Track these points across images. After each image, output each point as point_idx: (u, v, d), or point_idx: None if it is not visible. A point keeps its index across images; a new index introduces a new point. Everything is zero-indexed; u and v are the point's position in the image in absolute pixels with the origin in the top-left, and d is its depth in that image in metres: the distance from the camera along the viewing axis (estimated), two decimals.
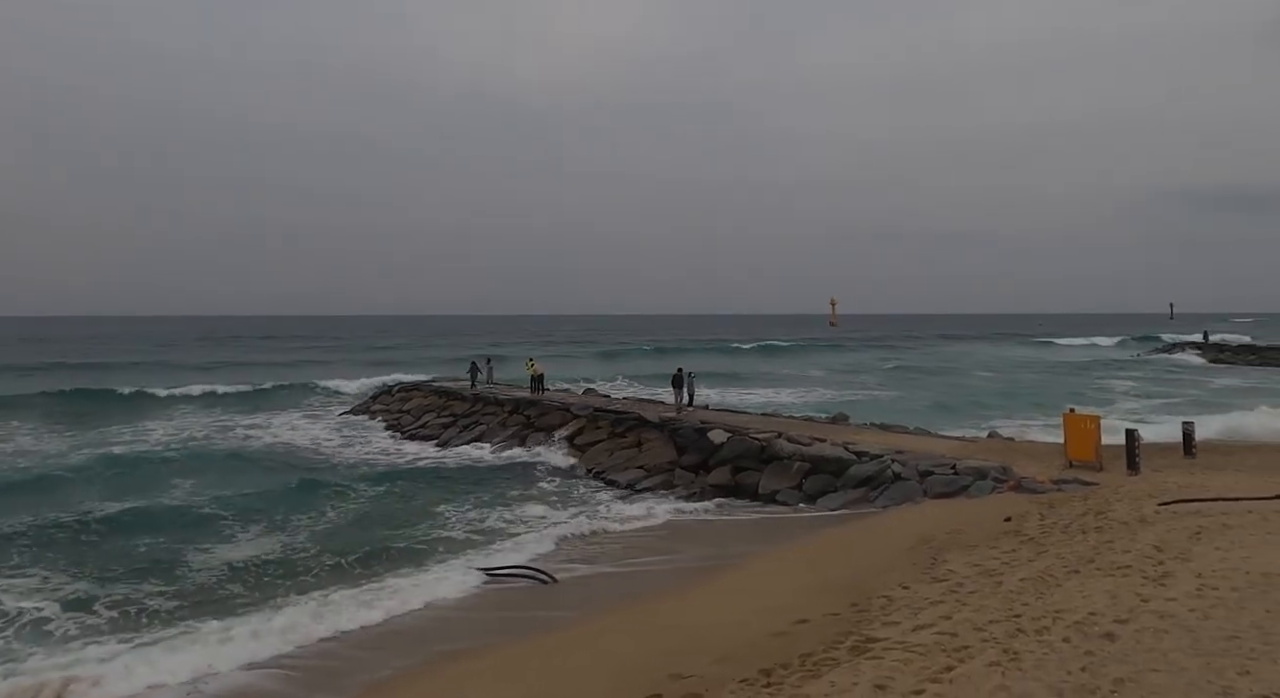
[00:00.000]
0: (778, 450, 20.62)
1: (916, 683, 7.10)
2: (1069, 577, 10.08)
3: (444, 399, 33.46)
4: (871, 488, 18.19)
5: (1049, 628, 8.16)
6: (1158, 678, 6.46)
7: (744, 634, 9.68)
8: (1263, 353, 63.24)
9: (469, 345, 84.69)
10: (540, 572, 13.51)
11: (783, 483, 19.47)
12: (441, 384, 36.74)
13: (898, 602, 10.03)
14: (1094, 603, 8.78)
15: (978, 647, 7.86)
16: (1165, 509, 13.46)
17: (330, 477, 22.71)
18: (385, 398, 37.06)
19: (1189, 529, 11.87)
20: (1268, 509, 12.81)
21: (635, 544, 15.83)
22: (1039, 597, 9.34)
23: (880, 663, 7.72)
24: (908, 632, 8.67)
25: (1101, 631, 7.87)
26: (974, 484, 17.17)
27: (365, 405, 37.36)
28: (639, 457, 23.00)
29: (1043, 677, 6.85)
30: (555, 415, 27.40)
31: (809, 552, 13.90)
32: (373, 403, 37.18)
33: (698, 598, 11.93)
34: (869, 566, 12.21)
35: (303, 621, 11.71)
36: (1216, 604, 8.29)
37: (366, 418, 34.93)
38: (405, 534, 16.49)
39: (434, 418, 31.38)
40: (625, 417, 25.58)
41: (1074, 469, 17.98)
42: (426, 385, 36.90)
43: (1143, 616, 8.18)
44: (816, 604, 10.60)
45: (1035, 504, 15.00)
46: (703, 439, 22.34)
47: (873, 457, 19.39)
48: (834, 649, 8.50)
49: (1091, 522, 13.13)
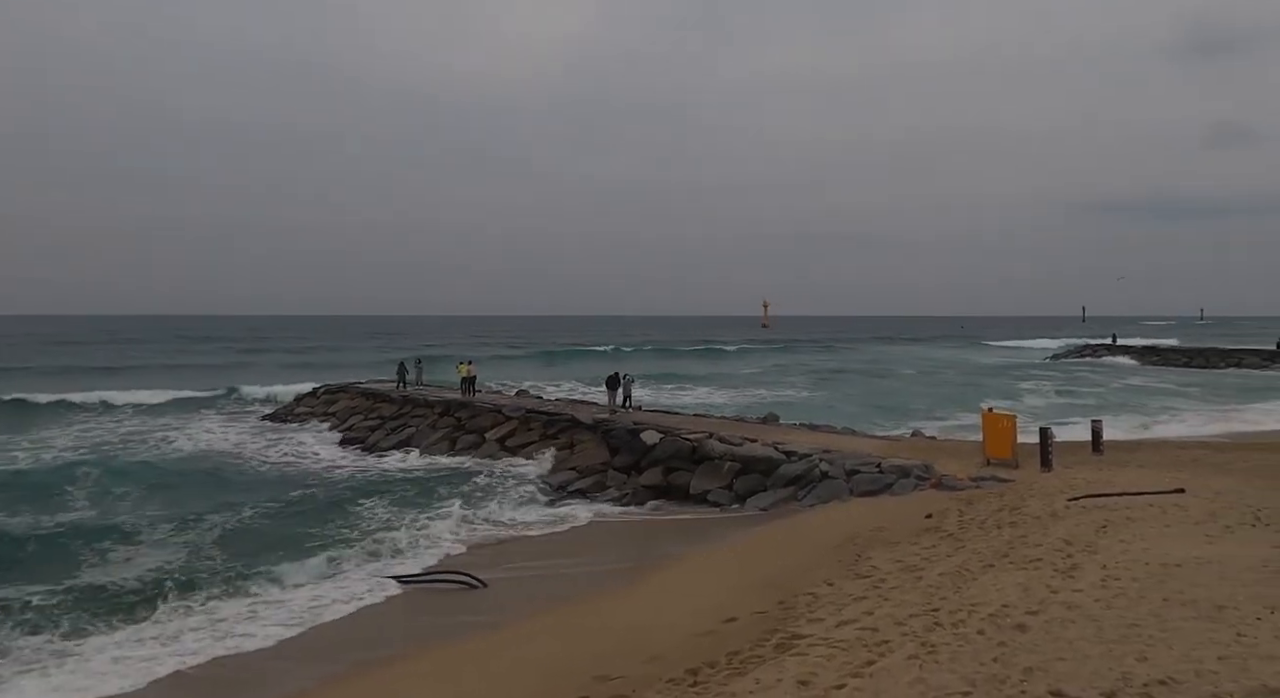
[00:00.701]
0: (709, 451, 20.81)
1: (838, 678, 7.23)
2: (985, 571, 10.44)
3: (371, 401, 32.72)
4: (800, 487, 18.51)
5: (965, 621, 8.42)
6: (1063, 666, 6.73)
7: (673, 634, 9.73)
8: (1189, 354, 66.78)
9: (401, 347, 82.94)
10: (468, 576, 13.32)
11: (714, 483, 19.66)
12: (369, 386, 35.91)
13: (823, 599, 10.22)
14: (1007, 596, 9.10)
15: (898, 641, 8.06)
16: (1074, 504, 14.06)
17: (247, 482, 21.96)
18: (310, 400, 36.02)
19: (1096, 523, 12.42)
20: (1166, 503, 13.51)
21: (566, 546, 15.77)
22: (956, 591, 9.64)
23: (804, 659, 7.85)
24: (832, 628, 8.84)
25: (1014, 622, 8.16)
26: (898, 482, 17.64)
27: (289, 408, 36.24)
28: (571, 459, 22.92)
29: (958, 668, 7.07)
30: (486, 417, 27.08)
31: (738, 551, 14.06)
32: (296, 406, 36.09)
33: (628, 599, 11.95)
34: (796, 564, 12.42)
35: (209, 632, 11.27)
36: (1119, 594, 8.69)
37: (290, 422, 33.89)
38: (326, 540, 15.99)
39: (361, 421, 30.65)
40: (558, 418, 25.45)
41: (992, 467, 18.63)
42: (353, 387, 36.02)
43: (1052, 607, 8.51)
44: (745, 603, 10.73)
45: (955, 501, 15.48)
46: (635, 440, 22.39)
47: (802, 456, 19.74)
48: (760, 647, 8.62)
49: (1007, 517, 13.63)
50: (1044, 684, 6.40)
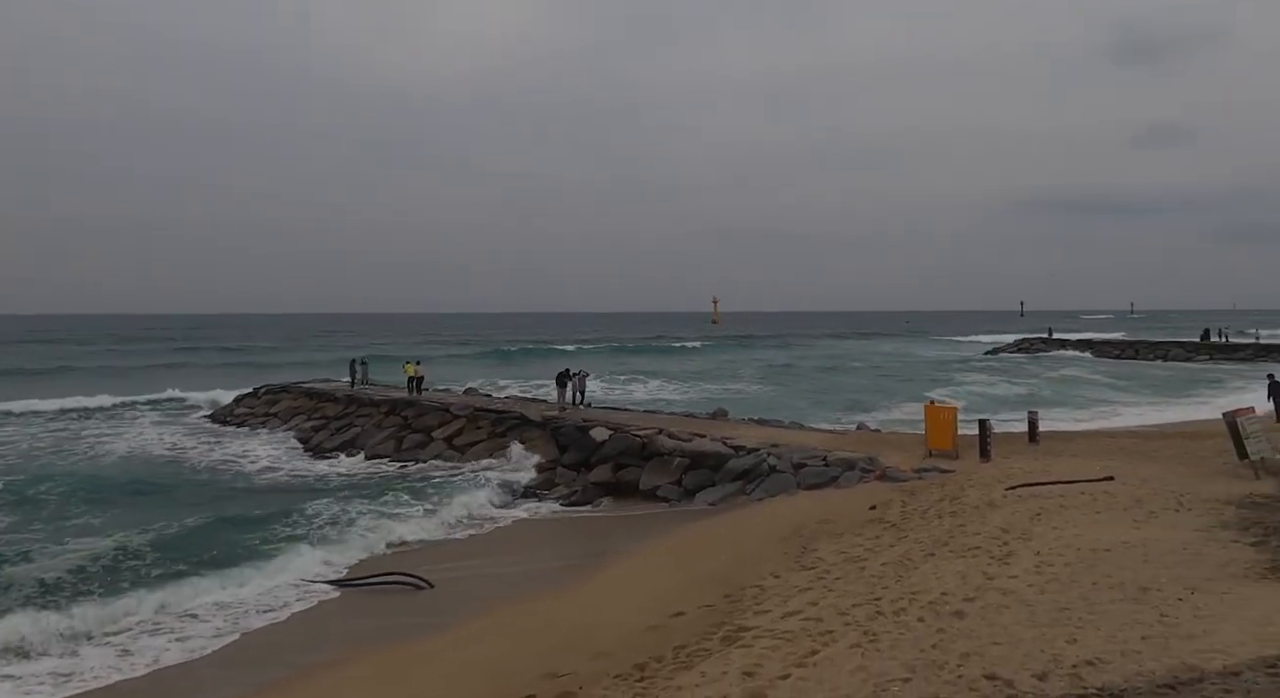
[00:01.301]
0: (658, 447, 20.88)
1: (783, 668, 7.34)
2: (925, 560, 10.69)
3: (315, 401, 32.03)
4: (748, 481, 18.70)
5: (906, 609, 8.62)
6: (998, 650, 6.93)
7: (620, 630, 9.76)
8: (1120, 347, 69.24)
9: (349, 346, 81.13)
10: (415, 576, 13.14)
11: (663, 479, 19.74)
12: (313, 386, 35.15)
13: (769, 591, 10.35)
14: (946, 583, 9.34)
15: (841, 630, 8.21)
16: (1011, 494, 14.49)
17: (183, 486, 21.30)
18: (250, 401, 35.11)
19: (1031, 511, 12.82)
20: (1097, 490, 14.02)
21: (515, 544, 15.68)
22: (898, 580, 9.86)
23: (750, 651, 7.94)
24: (777, 619, 8.96)
25: (952, 609, 8.38)
26: (843, 475, 17.95)
27: (228, 409, 35.26)
28: (520, 456, 22.75)
29: (898, 655, 7.23)
30: (433, 416, 26.74)
31: (686, 546, 14.15)
32: (237, 407, 35.14)
33: (576, 596, 11.94)
34: (743, 557, 12.55)
35: (145, 642, 10.91)
36: (1052, 580, 9.00)
37: (229, 423, 32.99)
38: (267, 543, 15.46)
39: (304, 421, 30.00)
40: (506, 416, 25.27)
41: (933, 458, 19.07)
42: (296, 387, 35.21)
43: (988, 593, 8.77)
44: (692, 597, 10.81)
45: (898, 492, 15.82)
46: (585, 437, 22.35)
47: (750, 451, 19.94)
48: (706, 640, 8.69)
49: (947, 507, 13.98)
50: (979, 668, 6.59)
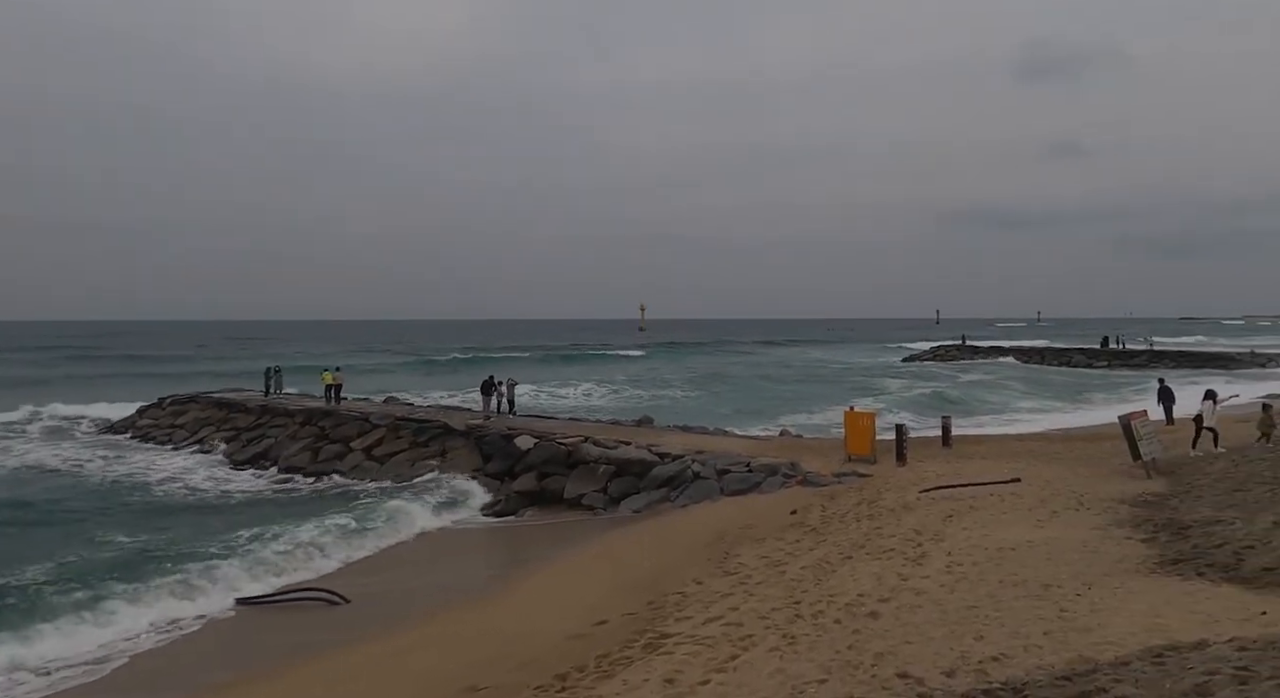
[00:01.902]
0: (584, 455, 20.81)
1: (704, 674, 7.38)
2: (843, 562, 10.93)
3: (225, 411, 30.75)
4: (673, 488, 18.79)
5: (824, 611, 8.79)
6: (910, 649, 7.13)
7: (544, 640, 9.64)
8: (1044, 354, 72.21)
9: (264, 354, 78.08)
10: (328, 591, 12.72)
11: (588, 487, 19.66)
12: (223, 395, 33.74)
13: (691, 597, 10.41)
14: (863, 585, 9.57)
15: (761, 634, 8.31)
16: (925, 496, 14.97)
17: (79, 503, 20.04)
18: (155, 412, 33.45)
19: (943, 513, 13.27)
20: (1005, 492, 14.61)
21: (437, 556, 15.35)
22: (817, 583, 10.05)
23: (671, 658, 7.96)
24: (699, 625, 9.01)
25: (868, 610, 8.58)
26: (766, 481, 18.22)
27: (130, 421, 33.48)
28: (442, 466, 22.35)
29: (815, 657, 7.35)
30: (352, 426, 25.99)
31: (611, 554, 14.11)
32: (139, 418, 33.41)
33: (499, 606, 11.75)
34: (667, 564, 12.59)
35: (36, 667, 10.25)
36: (961, 579, 9.31)
37: (132, 436, 31.35)
38: (168, 561, 14.66)
39: (213, 432, 28.75)
40: (429, 425, 24.78)
41: (852, 463, 19.55)
42: (205, 396, 33.74)
43: (902, 594, 9.02)
44: (616, 605, 10.77)
45: (818, 497, 16.15)
46: (509, 446, 22.10)
47: (675, 458, 20.06)
48: (629, 648, 8.67)
49: (865, 510, 14.35)
50: (892, 667, 6.76)
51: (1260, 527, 9.15)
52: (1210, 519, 10.28)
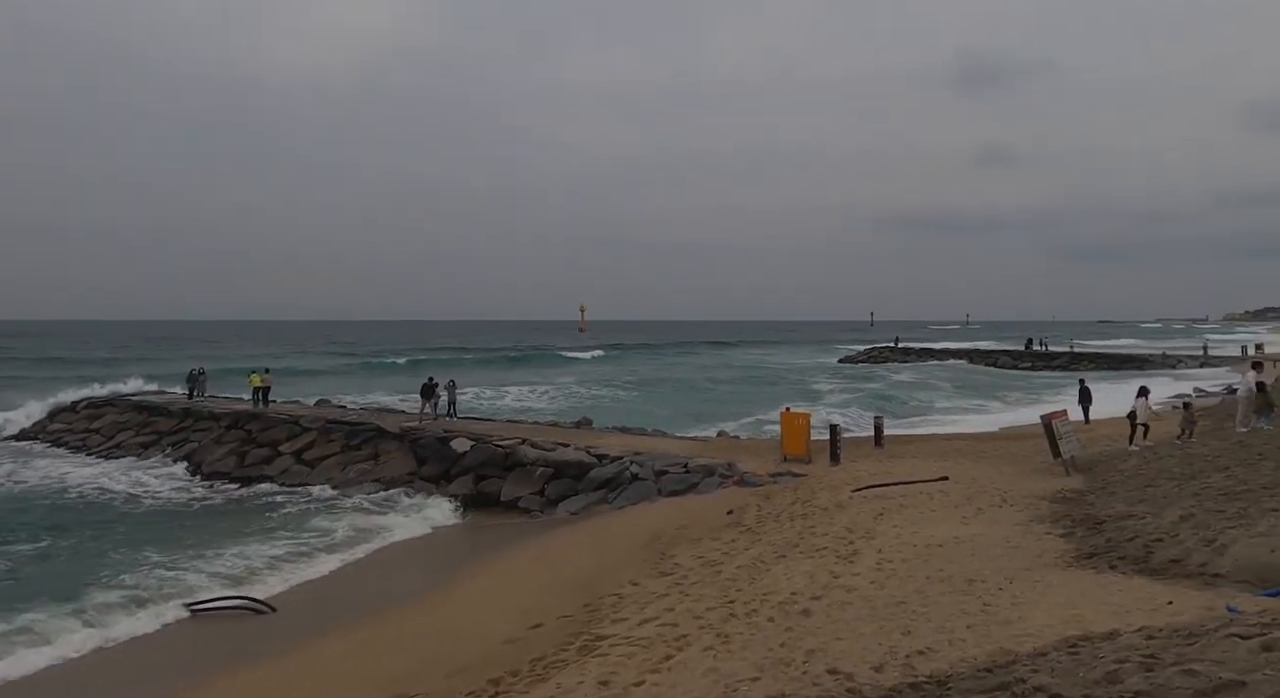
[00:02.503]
0: (521, 457, 20.63)
1: (638, 675, 7.37)
2: (777, 561, 11.07)
3: (145, 415, 29.49)
4: (611, 490, 18.77)
5: (758, 610, 8.87)
6: (841, 645, 7.25)
7: (477, 645, 9.51)
8: (972, 355, 74.24)
9: (193, 356, 74.88)
10: (253, 600, 12.30)
11: (525, 489, 19.50)
12: (143, 398, 32.36)
13: (627, 599, 10.40)
14: (796, 583, 9.70)
15: (695, 634, 8.35)
16: (858, 495, 15.28)
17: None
18: (67, 416, 31.85)
19: (874, 511, 13.56)
20: (933, 490, 15.02)
21: (366, 561, 14.97)
22: (751, 582, 10.15)
23: (606, 660, 7.94)
24: (634, 626, 9.01)
25: (800, 608, 8.70)
26: (703, 481, 18.34)
27: (40, 426, 31.79)
28: (375, 470, 21.89)
29: (748, 656, 7.42)
30: (281, 429, 25.23)
31: (547, 556, 14.01)
32: (50, 423, 31.76)
33: (433, 611, 11.55)
34: (603, 565, 12.56)
35: None
36: (891, 575, 9.52)
37: (42, 441, 29.80)
38: (78, 575, 13.98)
39: (131, 437, 27.54)
40: (362, 428, 24.22)
41: (788, 463, 19.84)
42: (123, 400, 32.30)
43: (834, 591, 9.17)
44: (551, 608, 10.69)
45: (754, 497, 16.33)
46: (445, 449, 21.77)
47: (613, 459, 20.04)
48: (564, 651, 8.62)
49: (799, 510, 14.57)
50: (823, 664, 6.85)
51: (1168, 521, 9.59)
52: (1123, 514, 10.73)
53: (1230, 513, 9.16)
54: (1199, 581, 7.68)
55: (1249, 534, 8.13)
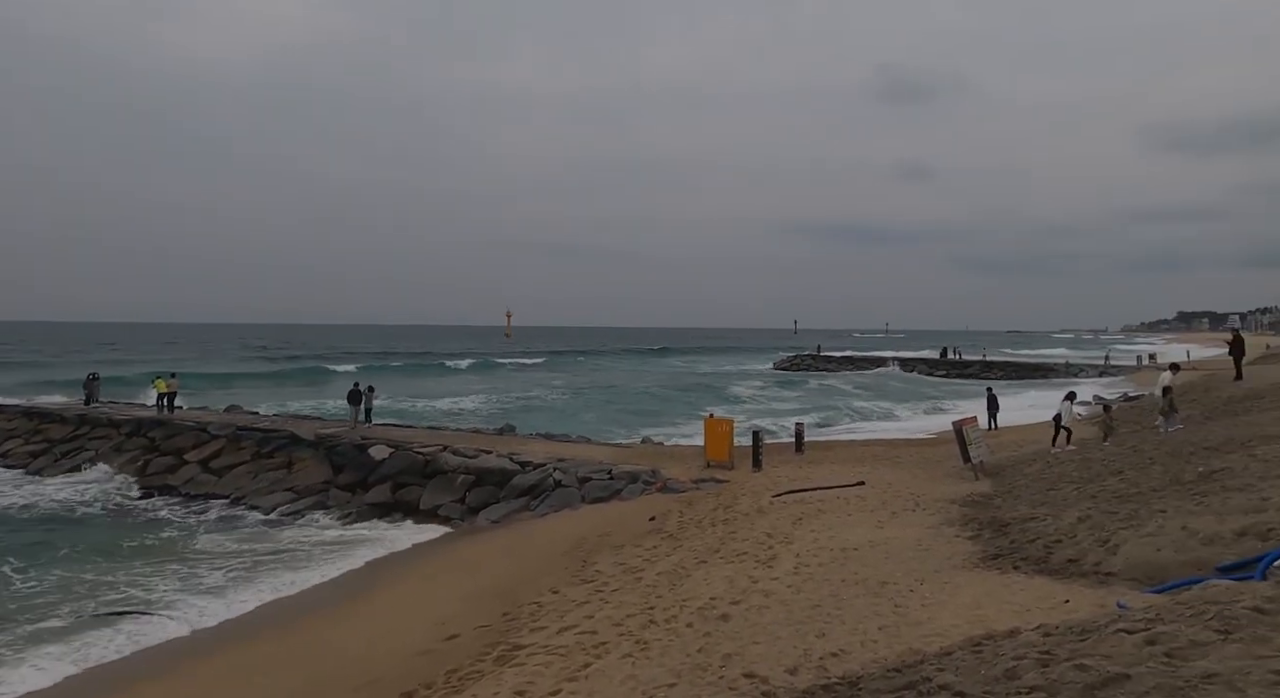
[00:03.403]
0: (442, 464, 20.22)
1: (555, 684, 7.28)
2: (698, 567, 11.12)
3: (35, 422, 27.73)
4: (533, 497, 18.56)
5: (677, 616, 8.89)
6: (757, 649, 7.31)
7: (389, 658, 9.23)
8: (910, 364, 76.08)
9: (88, 361, 70.64)
10: (148, 611, 11.68)
11: (446, 497, 19.10)
12: (35, 405, 30.46)
13: (547, 607, 10.28)
14: (715, 589, 9.76)
15: (615, 641, 8.30)
16: (778, 500, 15.51)
17: None
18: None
19: (794, 516, 13.78)
20: (850, 495, 15.37)
21: (273, 572, 14.38)
22: (671, 588, 10.17)
23: (523, 669, 7.81)
24: (553, 635, 8.90)
25: (719, 613, 8.75)
26: (626, 488, 18.33)
27: None
28: (288, 479, 21.11)
29: (666, 662, 7.41)
30: (187, 437, 24.09)
31: (466, 565, 13.74)
32: None
33: (342, 623, 11.16)
34: (524, 574, 12.39)
35: None
36: (808, 579, 9.67)
37: None
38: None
39: (20, 445, 25.86)
40: (274, 435, 23.34)
41: (711, 469, 20.03)
42: (11, 407, 30.31)
43: (752, 596, 9.26)
44: (469, 617, 10.48)
45: (677, 503, 16.40)
46: (362, 456, 21.17)
47: (536, 466, 19.84)
48: (480, 662, 8.45)
49: (720, 515, 14.69)
50: (740, 668, 6.90)
51: (1067, 523, 10.03)
52: (1026, 517, 11.19)
53: (1123, 515, 9.63)
54: (1094, 579, 8.05)
55: (1139, 535, 8.57)
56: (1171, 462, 12.43)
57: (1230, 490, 9.25)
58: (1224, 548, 7.64)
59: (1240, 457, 11.04)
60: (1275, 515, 7.83)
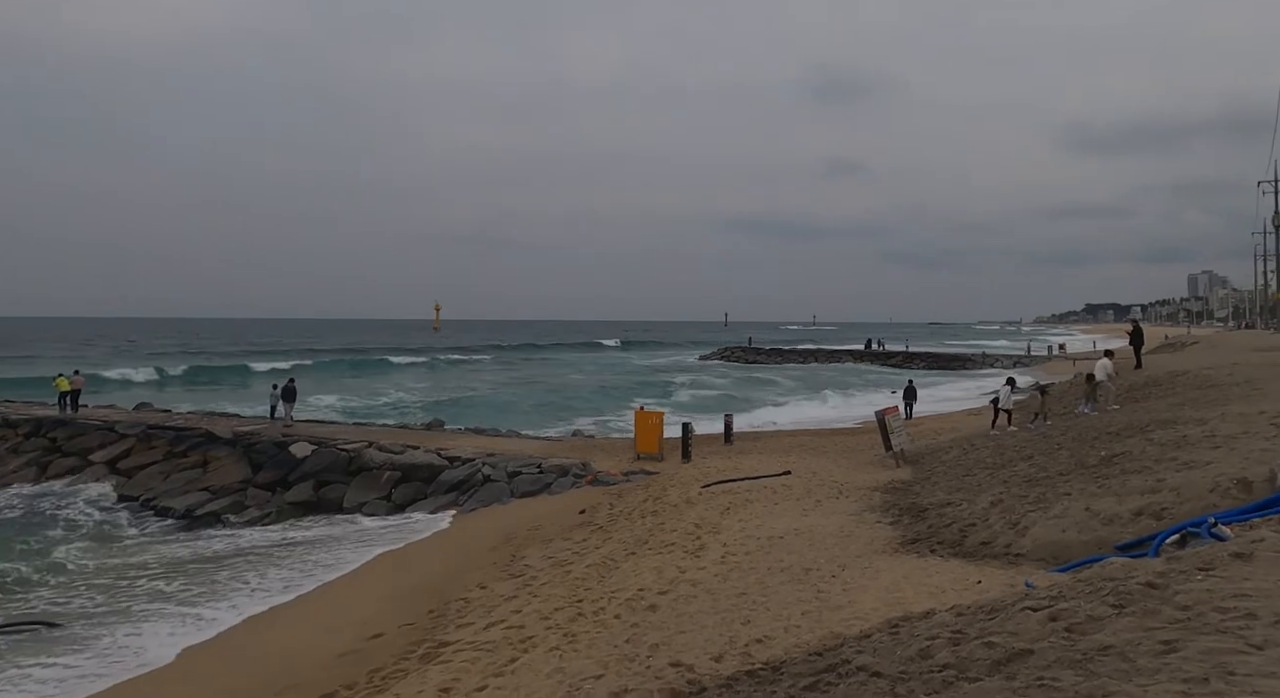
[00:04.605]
0: (367, 461, 19.77)
1: (481, 680, 7.20)
2: (627, 559, 11.15)
3: None
4: (462, 492, 18.32)
5: (605, 608, 8.89)
6: (684, 638, 7.38)
7: (309, 660, 8.98)
8: (818, 355, 77.49)
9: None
10: (38, 621, 11.08)
11: (370, 494, 18.69)
12: None
13: (474, 603, 10.16)
14: (644, 580, 9.80)
15: (542, 635, 8.26)
16: (706, 491, 15.67)
17: None
18: None
19: (722, 506, 13.95)
20: (777, 484, 15.63)
21: (184, 577, 13.80)
22: (600, 580, 10.17)
23: (449, 667, 7.71)
24: (480, 631, 8.80)
25: (647, 604, 8.79)
26: (556, 481, 18.25)
27: None
28: (204, 478, 20.29)
29: (594, 654, 7.41)
30: (93, 437, 22.91)
31: (391, 563, 13.46)
32: None
33: (261, 629, 10.79)
34: (451, 570, 12.21)
35: None
36: (734, 568, 9.80)
37: None
38: None
39: None
40: (188, 434, 22.41)
41: (641, 461, 20.09)
42: None
43: (680, 585, 9.33)
44: (394, 616, 10.28)
45: (607, 495, 16.41)
46: (283, 454, 20.51)
47: (465, 461, 19.58)
48: (405, 660, 8.30)
49: (650, 507, 14.76)
50: (666, 657, 6.95)
51: (980, 507, 10.43)
52: (943, 502, 11.58)
53: (1032, 498, 10.06)
54: (1004, 560, 8.38)
55: (1046, 517, 8.97)
56: (1077, 447, 13.04)
57: (1129, 473, 9.75)
58: (1122, 528, 8.06)
59: (1139, 441, 11.65)
60: (1169, 496, 8.29)
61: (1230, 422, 11.35)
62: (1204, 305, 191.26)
